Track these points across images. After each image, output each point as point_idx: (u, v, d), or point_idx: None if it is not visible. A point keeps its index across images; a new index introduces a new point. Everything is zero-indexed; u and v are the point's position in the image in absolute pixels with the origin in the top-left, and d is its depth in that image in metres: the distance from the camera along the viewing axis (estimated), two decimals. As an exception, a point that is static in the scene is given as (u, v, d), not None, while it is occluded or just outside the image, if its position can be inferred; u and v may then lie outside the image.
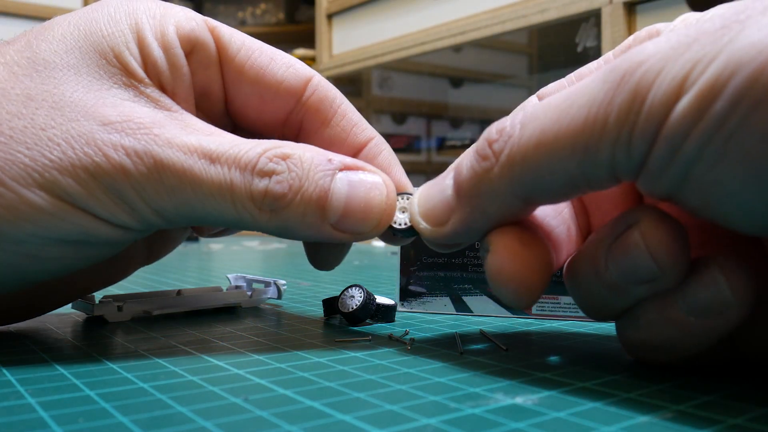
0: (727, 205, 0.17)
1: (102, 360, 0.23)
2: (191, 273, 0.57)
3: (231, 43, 0.26)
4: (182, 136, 0.23)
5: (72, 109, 0.22)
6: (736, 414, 0.17)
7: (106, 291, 0.41)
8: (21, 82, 0.22)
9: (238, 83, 0.26)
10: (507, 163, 0.20)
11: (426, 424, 0.16)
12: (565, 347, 0.26)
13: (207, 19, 0.26)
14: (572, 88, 0.19)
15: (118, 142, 0.22)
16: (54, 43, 0.23)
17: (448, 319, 0.32)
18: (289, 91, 0.26)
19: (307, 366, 0.23)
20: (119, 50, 0.24)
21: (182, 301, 0.34)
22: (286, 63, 0.26)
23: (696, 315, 0.19)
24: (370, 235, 0.25)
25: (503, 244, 0.21)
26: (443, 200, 0.22)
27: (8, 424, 0.16)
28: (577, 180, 0.19)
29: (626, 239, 0.19)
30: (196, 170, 0.22)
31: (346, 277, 0.51)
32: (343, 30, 1.62)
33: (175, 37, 0.24)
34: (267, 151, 0.23)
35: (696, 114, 0.16)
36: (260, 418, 0.17)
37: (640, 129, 0.17)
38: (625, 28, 0.96)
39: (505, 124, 0.20)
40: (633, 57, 0.17)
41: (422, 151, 1.87)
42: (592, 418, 0.17)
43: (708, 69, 0.16)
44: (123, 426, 0.16)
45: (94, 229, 0.22)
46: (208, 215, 0.23)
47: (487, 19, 1.21)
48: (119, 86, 0.23)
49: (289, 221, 0.23)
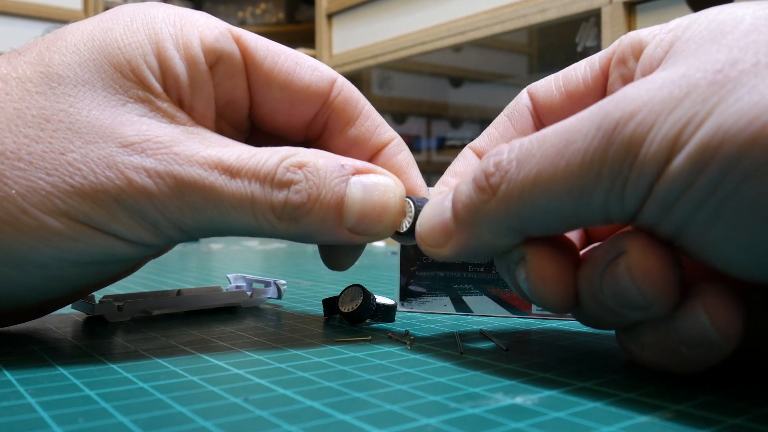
0: (720, 259, 0.18)
1: (102, 360, 0.23)
2: (191, 273, 0.57)
3: (257, 50, 0.25)
4: (201, 152, 0.23)
5: (89, 131, 0.22)
6: (736, 414, 0.17)
7: (106, 291, 0.41)
8: (36, 102, 0.22)
9: (267, 90, 0.26)
10: (503, 198, 0.20)
11: (426, 424, 0.16)
12: (565, 347, 0.26)
13: (231, 28, 0.25)
14: (566, 125, 0.19)
15: (140, 164, 0.22)
16: (67, 55, 0.23)
17: (448, 319, 0.32)
18: (317, 93, 0.26)
19: (307, 366, 0.23)
20: (136, 63, 0.23)
21: (182, 301, 0.34)
22: (311, 66, 0.27)
23: (686, 346, 0.19)
24: (384, 236, 0.25)
25: (541, 250, 0.21)
26: (442, 223, 0.23)
27: (8, 424, 0.16)
28: (571, 219, 0.19)
29: (614, 268, 0.19)
30: (218, 186, 0.23)
31: (346, 277, 0.51)
32: (343, 30, 1.62)
33: (200, 50, 0.24)
34: (284, 160, 0.23)
35: (687, 177, 0.16)
36: (260, 418, 0.17)
37: (632, 183, 0.17)
38: (624, 27, 0.96)
39: (501, 158, 0.20)
40: (625, 105, 0.18)
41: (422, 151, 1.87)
42: (592, 418, 0.17)
43: (699, 130, 0.16)
44: (123, 426, 0.16)
45: (116, 250, 0.23)
46: (228, 227, 0.24)
47: (487, 19, 1.21)
48: (134, 101, 0.23)
49: (308, 228, 0.24)
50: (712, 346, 0.18)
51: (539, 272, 0.21)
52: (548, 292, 0.21)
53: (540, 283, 0.21)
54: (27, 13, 1.65)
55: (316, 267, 0.60)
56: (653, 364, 0.20)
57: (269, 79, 0.26)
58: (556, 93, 0.26)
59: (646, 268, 0.18)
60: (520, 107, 0.27)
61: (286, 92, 0.26)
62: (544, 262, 0.21)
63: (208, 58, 0.24)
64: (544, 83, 0.27)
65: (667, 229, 0.18)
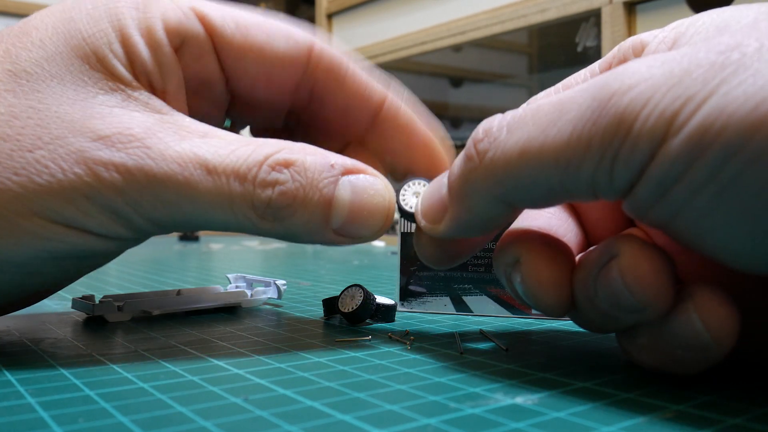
0: (717, 247, 0.17)
1: (102, 360, 0.23)
2: (191, 273, 0.57)
3: (224, 27, 0.24)
4: (176, 145, 0.22)
5: (58, 126, 0.21)
6: (736, 414, 0.17)
7: (106, 291, 0.41)
8: (5, 99, 0.22)
9: (240, 65, 0.25)
10: (490, 165, 0.19)
11: (426, 424, 0.16)
12: (565, 347, 0.26)
13: (195, 6, 0.24)
14: (563, 96, 0.18)
15: (109, 159, 0.21)
16: (34, 51, 0.22)
17: (448, 319, 0.32)
18: (294, 63, 0.25)
19: (307, 366, 0.23)
20: (102, 53, 0.22)
21: (182, 301, 0.34)
22: (284, 35, 0.25)
23: (681, 349, 0.19)
24: (369, 240, 0.25)
25: (535, 253, 0.21)
26: (439, 199, 0.22)
27: (8, 424, 0.16)
28: (557, 191, 0.19)
29: (607, 272, 0.19)
30: (193, 183, 0.22)
31: (346, 277, 0.51)
32: (343, 30, 1.62)
33: (164, 34, 0.23)
34: (268, 158, 0.22)
35: (686, 159, 0.16)
36: (260, 418, 0.17)
37: (623, 159, 0.17)
38: (625, 28, 0.96)
39: (492, 124, 0.20)
40: (624, 77, 0.17)
41: (422, 151, 1.87)
42: (592, 418, 0.17)
43: (699, 111, 0.15)
44: (123, 426, 0.16)
45: (91, 245, 0.22)
46: (206, 223, 0.23)
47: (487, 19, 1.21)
48: (105, 92, 0.22)
49: (292, 228, 0.23)
50: (706, 349, 0.18)
51: (534, 275, 0.20)
52: (543, 295, 0.20)
53: (535, 286, 0.20)
54: (27, 12, 1.64)
55: (316, 267, 0.60)
56: (651, 365, 0.20)
57: (241, 55, 0.25)
58: None
59: (638, 271, 0.18)
60: None
61: (261, 66, 0.25)
62: (539, 265, 0.20)
63: (172, 41, 0.24)
64: (544, 95, 0.27)
65: (661, 214, 0.17)
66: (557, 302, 0.20)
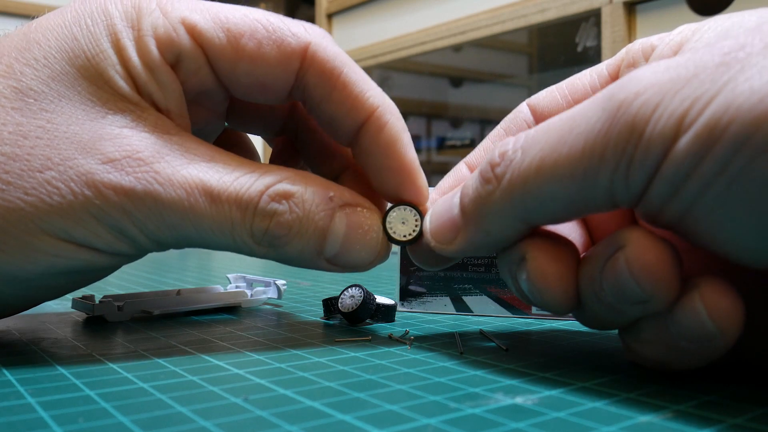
0: (728, 242, 0.17)
1: (102, 360, 0.23)
2: (191, 273, 0.57)
3: (215, 41, 0.24)
4: (183, 170, 0.23)
5: (68, 147, 0.22)
6: (736, 414, 0.17)
7: (106, 291, 0.41)
8: (12, 118, 0.22)
9: (234, 76, 0.25)
10: (508, 187, 0.20)
11: (426, 424, 0.16)
12: (565, 347, 0.26)
13: (184, 18, 0.24)
14: (571, 112, 0.19)
15: (118, 183, 0.22)
16: (39, 69, 0.22)
17: (448, 319, 0.32)
18: (286, 70, 0.25)
19: (307, 366, 0.23)
20: (108, 75, 0.23)
21: (182, 301, 0.34)
22: (276, 42, 0.24)
23: (686, 340, 0.19)
24: (362, 270, 0.26)
25: (541, 250, 0.21)
26: (451, 219, 0.23)
27: (8, 424, 0.16)
28: (577, 205, 0.19)
29: (614, 263, 0.19)
30: (197, 209, 0.23)
31: (346, 277, 0.51)
32: (343, 30, 1.62)
33: (158, 54, 0.23)
34: (269, 188, 0.23)
35: (696, 155, 0.16)
36: (260, 418, 0.17)
37: (638, 162, 0.17)
38: (625, 27, 0.96)
39: (507, 148, 0.20)
40: (630, 86, 0.17)
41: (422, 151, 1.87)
42: (592, 418, 0.17)
43: (707, 109, 0.16)
44: (123, 426, 0.16)
45: (96, 261, 0.23)
46: (206, 244, 0.24)
47: (487, 18, 1.21)
48: (114, 112, 0.23)
49: (286, 255, 0.24)
50: (711, 339, 0.18)
51: (540, 271, 0.21)
52: (549, 292, 0.21)
53: (541, 282, 0.21)
54: (27, 12, 1.65)
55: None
56: (654, 360, 0.20)
57: (233, 67, 0.25)
58: (563, 102, 0.26)
59: (644, 260, 0.18)
60: (519, 121, 0.27)
61: (252, 75, 0.25)
62: (544, 261, 0.21)
63: (167, 59, 0.24)
64: (545, 94, 0.27)
65: (672, 212, 0.18)
66: (563, 297, 0.21)
